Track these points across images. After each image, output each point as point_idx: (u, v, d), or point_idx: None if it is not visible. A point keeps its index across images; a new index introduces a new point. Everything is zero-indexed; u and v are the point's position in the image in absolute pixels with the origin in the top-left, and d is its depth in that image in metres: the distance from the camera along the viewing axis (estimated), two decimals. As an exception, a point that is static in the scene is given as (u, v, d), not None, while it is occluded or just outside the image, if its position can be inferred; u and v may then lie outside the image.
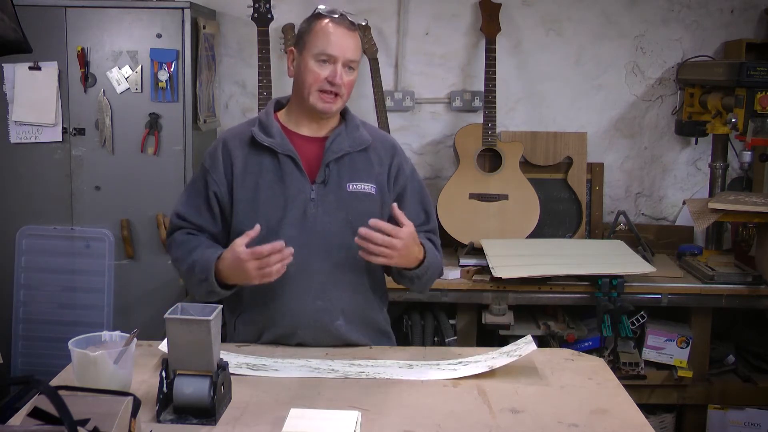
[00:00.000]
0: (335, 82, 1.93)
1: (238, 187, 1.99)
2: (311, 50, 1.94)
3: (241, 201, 1.99)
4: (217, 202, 2.01)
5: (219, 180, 2.01)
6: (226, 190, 2.00)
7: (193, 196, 2.05)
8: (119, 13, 3.20)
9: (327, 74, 1.93)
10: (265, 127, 2.01)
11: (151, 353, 1.91)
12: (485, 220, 3.35)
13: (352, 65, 1.96)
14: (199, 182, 2.05)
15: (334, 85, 1.93)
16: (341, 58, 1.93)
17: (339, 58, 1.93)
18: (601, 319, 2.98)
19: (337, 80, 1.93)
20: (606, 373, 1.88)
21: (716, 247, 3.43)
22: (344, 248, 1.98)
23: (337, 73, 1.93)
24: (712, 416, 3.18)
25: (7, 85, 3.24)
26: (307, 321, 1.98)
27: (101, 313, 3.31)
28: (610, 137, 3.70)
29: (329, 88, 1.94)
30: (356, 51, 1.97)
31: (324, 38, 1.93)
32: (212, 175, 2.01)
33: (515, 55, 3.64)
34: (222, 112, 3.67)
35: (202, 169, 2.05)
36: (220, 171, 2.01)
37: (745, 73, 2.86)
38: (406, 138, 3.65)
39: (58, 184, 3.29)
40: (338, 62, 1.93)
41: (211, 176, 2.02)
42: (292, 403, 1.62)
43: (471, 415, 1.63)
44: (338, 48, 1.93)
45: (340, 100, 1.97)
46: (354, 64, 1.97)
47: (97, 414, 1.21)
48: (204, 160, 2.06)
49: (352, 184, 2.01)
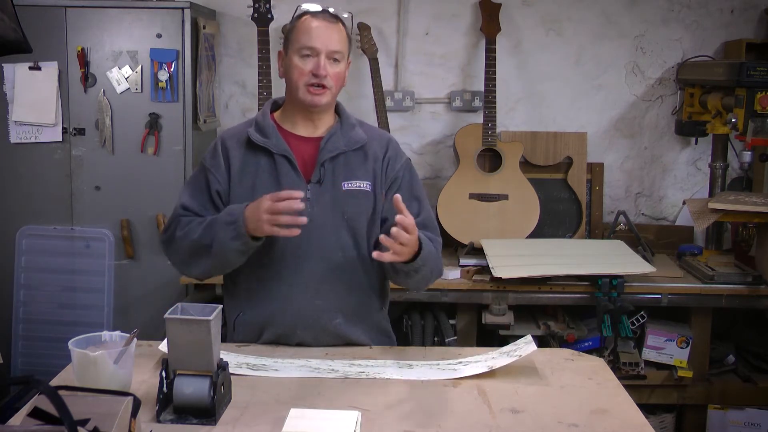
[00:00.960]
0: (319, 73, 1.94)
1: (235, 187, 2.00)
2: (294, 46, 1.97)
3: (237, 200, 1.99)
4: (220, 200, 2.01)
5: (221, 179, 2.01)
6: (226, 186, 2.01)
7: (197, 192, 2.04)
8: (119, 13, 3.20)
9: (311, 67, 1.95)
10: (261, 128, 2.02)
11: (151, 353, 1.91)
12: (485, 220, 3.35)
13: (337, 56, 1.97)
14: (201, 181, 2.04)
15: (318, 76, 1.94)
16: (323, 49, 1.94)
17: (321, 50, 1.94)
18: (601, 319, 2.98)
19: (321, 71, 1.94)
20: (606, 373, 1.88)
21: (716, 247, 3.43)
22: (340, 247, 1.99)
23: (320, 65, 1.94)
24: (712, 416, 3.18)
25: (7, 85, 3.24)
26: (306, 320, 1.98)
27: (101, 313, 3.31)
28: (610, 137, 3.70)
29: (315, 80, 1.95)
30: (339, 42, 1.97)
31: (305, 33, 1.96)
32: (214, 174, 2.01)
33: (515, 55, 3.64)
34: (222, 112, 3.67)
35: (203, 168, 2.05)
36: (221, 169, 2.01)
37: (745, 73, 2.86)
38: (406, 138, 3.65)
39: (58, 184, 3.29)
40: (321, 54, 1.94)
41: (213, 175, 2.02)
42: (292, 403, 1.62)
43: (471, 415, 1.63)
44: (319, 40, 1.94)
45: (329, 93, 1.98)
46: (338, 56, 1.97)
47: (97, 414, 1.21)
48: (204, 159, 2.06)
49: (347, 183, 2.01)
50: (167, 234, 2.02)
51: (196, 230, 1.94)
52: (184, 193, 2.06)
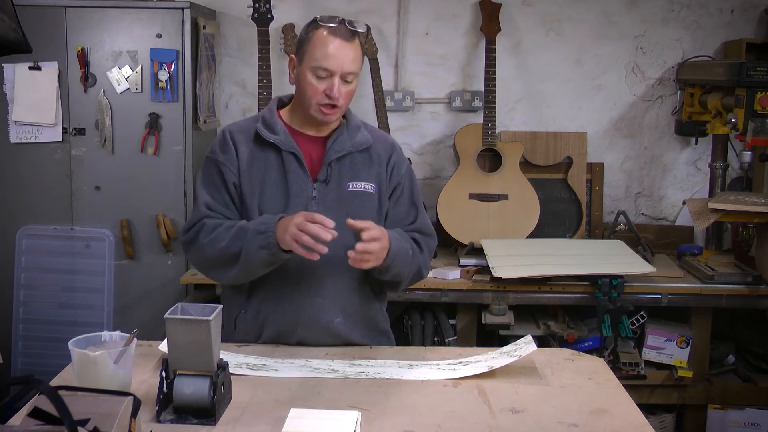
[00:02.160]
0: (332, 95, 1.93)
1: (245, 181, 1.99)
2: (309, 62, 1.94)
3: (247, 195, 1.99)
4: (237, 194, 2.00)
5: (234, 171, 1.99)
6: (239, 181, 2.00)
7: (215, 189, 2.01)
8: (119, 13, 3.20)
9: (324, 88, 1.93)
10: (269, 124, 2.02)
11: (151, 353, 1.91)
12: (485, 220, 3.35)
13: (350, 78, 1.95)
14: (216, 176, 2.01)
15: (331, 98, 1.93)
16: (338, 71, 1.92)
17: (336, 72, 1.92)
18: (601, 319, 2.98)
19: (335, 94, 1.92)
20: (606, 373, 1.88)
21: (716, 247, 3.43)
22: (344, 247, 1.98)
23: (334, 87, 1.92)
24: (712, 416, 3.18)
25: (7, 85, 3.24)
26: (306, 319, 1.98)
27: (101, 313, 3.31)
28: (610, 137, 3.70)
29: (327, 101, 1.94)
30: (354, 62, 1.95)
31: (321, 51, 1.92)
32: (228, 167, 1.99)
33: (515, 55, 3.64)
34: (222, 112, 3.67)
35: (215, 162, 2.02)
36: (234, 161, 1.99)
37: (745, 73, 2.86)
38: (406, 138, 3.65)
39: (58, 184, 3.29)
40: (335, 76, 1.92)
41: (227, 167, 1.99)
42: (292, 403, 1.62)
43: (471, 415, 1.63)
44: (335, 62, 1.91)
45: (339, 111, 1.98)
46: (351, 77, 1.96)
47: (97, 414, 1.21)
48: (212, 153, 2.03)
49: (352, 184, 2.02)
50: (189, 235, 2.00)
51: (224, 237, 1.92)
52: (203, 191, 2.03)
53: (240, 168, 1.99)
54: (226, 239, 1.91)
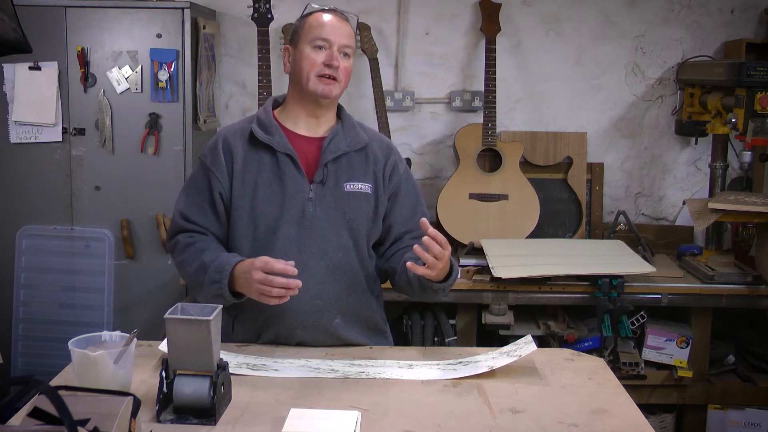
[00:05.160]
0: (332, 64, 1.96)
1: (237, 184, 1.99)
2: (306, 38, 1.99)
3: (239, 197, 1.99)
4: (222, 202, 2.01)
5: (222, 179, 2.00)
6: (228, 187, 2.00)
7: (195, 194, 2.03)
8: (119, 13, 3.20)
9: (324, 58, 1.97)
10: (264, 125, 2.02)
11: (151, 353, 1.91)
12: (485, 220, 3.35)
13: (347, 51, 2.00)
14: (201, 181, 2.03)
15: (331, 67, 1.96)
16: (336, 42, 1.97)
17: (334, 42, 1.97)
18: (601, 319, 2.98)
19: (334, 62, 1.96)
20: (606, 373, 1.88)
21: (716, 247, 3.43)
22: (341, 248, 1.99)
23: (333, 56, 1.96)
24: (712, 416, 3.18)
25: (7, 85, 3.24)
26: (305, 320, 1.98)
27: (101, 313, 3.31)
28: (610, 137, 3.70)
29: (327, 71, 1.96)
30: (350, 38, 2.01)
31: (318, 26, 1.98)
32: (216, 174, 2.00)
33: (515, 55, 3.64)
34: (222, 112, 3.67)
35: (203, 167, 2.04)
36: (222, 169, 2.00)
37: (745, 73, 2.86)
38: (406, 138, 3.65)
39: (58, 184, 3.29)
40: (333, 46, 1.97)
41: (214, 175, 2.01)
42: (292, 403, 1.62)
43: (471, 415, 1.63)
44: (332, 33, 1.97)
45: (339, 86, 2.00)
46: (349, 50, 2.00)
47: (97, 414, 1.21)
48: (203, 157, 2.05)
49: (349, 184, 2.02)
50: (170, 245, 2.07)
51: (191, 264, 1.96)
52: (182, 196, 2.07)
53: (234, 171, 2.00)
54: (192, 267, 1.96)
